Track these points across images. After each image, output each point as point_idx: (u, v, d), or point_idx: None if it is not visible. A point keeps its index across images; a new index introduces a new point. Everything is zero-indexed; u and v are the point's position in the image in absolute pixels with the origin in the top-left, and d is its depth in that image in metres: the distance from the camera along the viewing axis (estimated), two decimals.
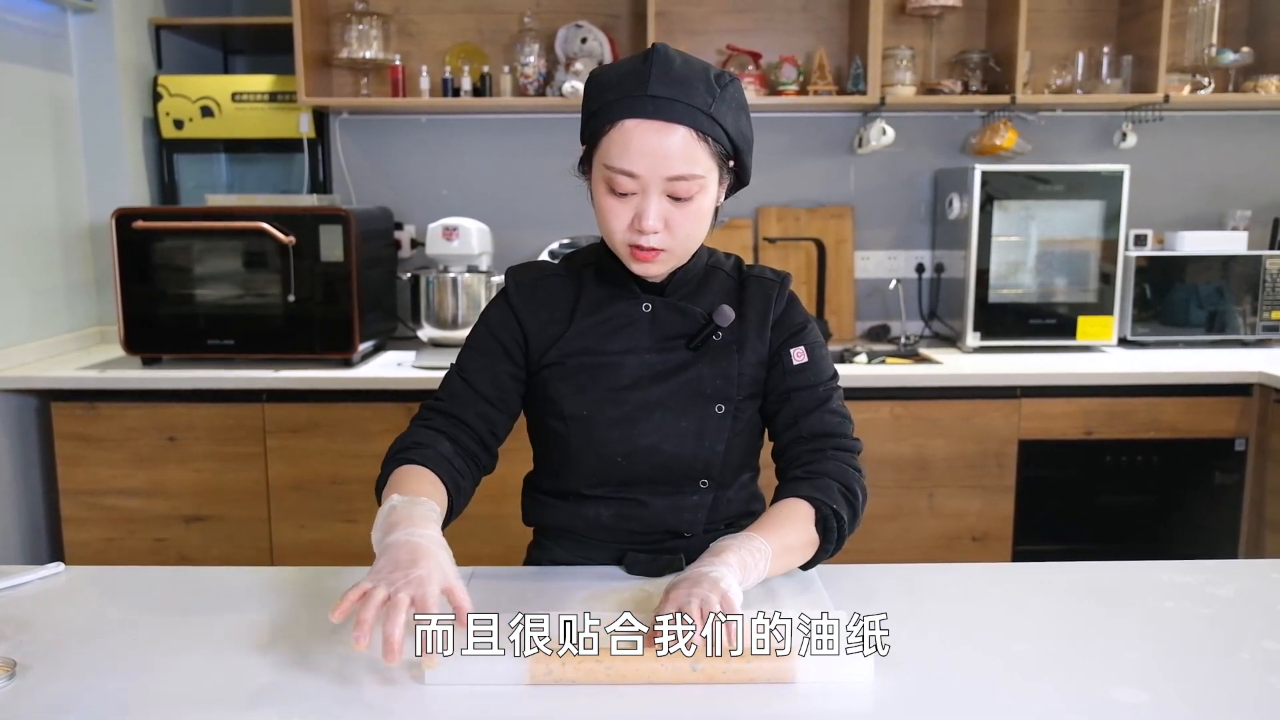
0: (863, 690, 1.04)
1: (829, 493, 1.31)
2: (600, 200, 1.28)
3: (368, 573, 1.08)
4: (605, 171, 1.26)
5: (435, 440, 1.34)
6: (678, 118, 1.22)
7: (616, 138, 1.24)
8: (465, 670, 1.04)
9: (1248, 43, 3.34)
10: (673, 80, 1.23)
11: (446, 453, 1.33)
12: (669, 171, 1.23)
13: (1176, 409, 2.89)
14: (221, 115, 3.30)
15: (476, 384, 1.39)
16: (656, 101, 1.22)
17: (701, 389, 1.36)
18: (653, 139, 1.22)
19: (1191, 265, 3.24)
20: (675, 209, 1.26)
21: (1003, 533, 2.93)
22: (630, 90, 1.23)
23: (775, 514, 1.30)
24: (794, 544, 1.27)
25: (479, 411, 1.38)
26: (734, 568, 1.15)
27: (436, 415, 1.38)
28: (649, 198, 1.25)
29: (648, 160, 1.22)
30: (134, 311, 2.87)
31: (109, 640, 1.17)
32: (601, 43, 3.28)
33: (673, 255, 1.31)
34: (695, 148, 1.24)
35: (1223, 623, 1.22)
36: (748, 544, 1.20)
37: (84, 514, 2.83)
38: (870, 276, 3.54)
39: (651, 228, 1.25)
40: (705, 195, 1.28)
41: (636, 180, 1.24)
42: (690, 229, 1.28)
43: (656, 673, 1.04)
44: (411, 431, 1.36)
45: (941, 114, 3.47)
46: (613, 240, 1.30)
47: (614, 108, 1.24)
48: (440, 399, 1.40)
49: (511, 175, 3.47)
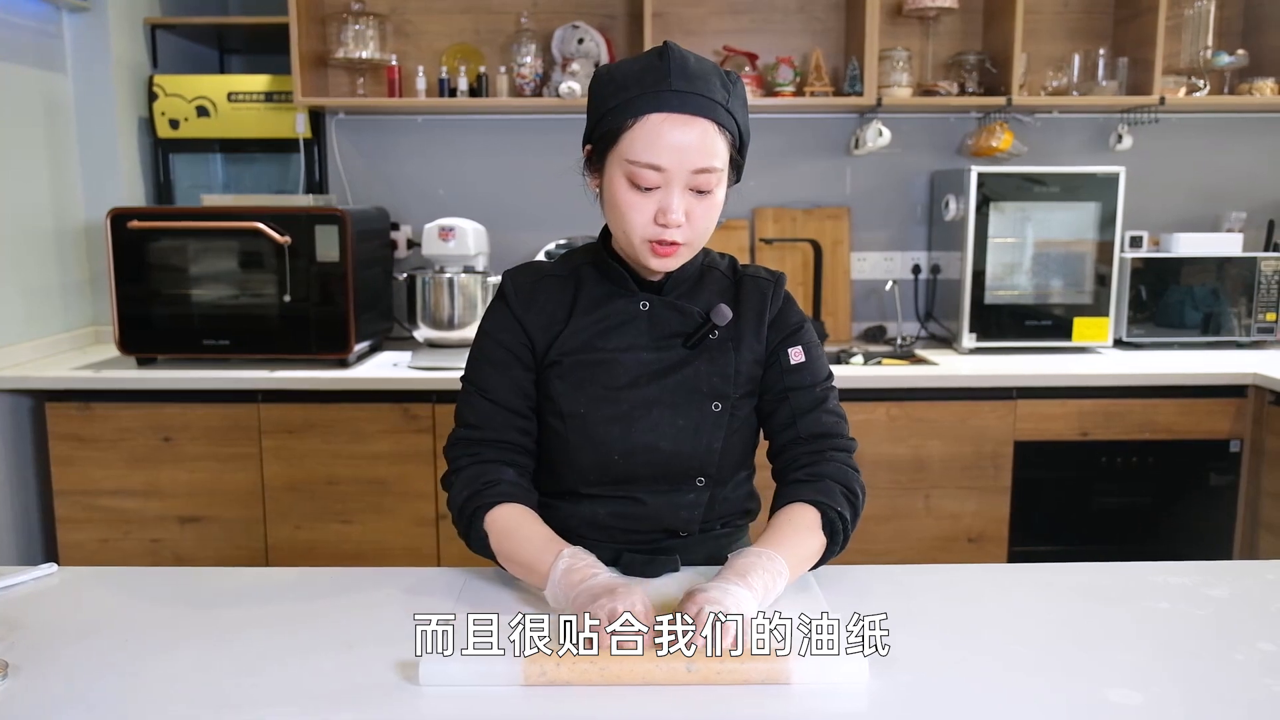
0: (858, 691, 1.04)
1: (832, 496, 1.33)
2: (620, 196, 1.28)
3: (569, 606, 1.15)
4: (628, 167, 1.26)
5: (499, 473, 1.35)
6: (701, 111, 1.25)
7: (641, 133, 1.25)
8: (460, 672, 1.04)
9: (1243, 45, 3.35)
10: (692, 75, 1.26)
11: (514, 479, 1.36)
12: (694, 165, 1.25)
13: (1172, 410, 2.89)
14: (217, 115, 3.29)
15: (503, 400, 1.38)
16: (682, 96, 1.24)
17: (698, 387, 1.37)
18: (679, 132, 1.24)
19: (1187, 267, 3.24)
20: (696, 202, 1.28)
21: (998, 534, 2.93)
22: (652, 86, 1.25)
23: (786, 524, 1.32)
24: (806, 554, 1.30)
25: (517, 427, 1.39)
26: (757, 591, 1.17)
27: (482, 447, 1.38)
28: (673, 191, 1.26)
29: (674, 154, 1.24)
30: (129, 311, 2.87)
31: (102, 641, 1.17)
32: (598, 43, 3.28)
33: (689, 249, 1.32)
34: (716, 140, 1.26)
35: (1218, 623, 1.22)
36: (770, 565, 1.21)
37: (78, 515, 2.82)
38: (866, 278, 3.54)
39: (676, 221, 1.26)
40: (721, 188, 1.30)
41: (662, 174, 1.25)
42: (707, 222, 1.31)
43: (652, 674, 1.04)
44: (472, 472, 1.36)
45: (938, 115, 3.47)
46: (631, 236, 1.30)
47: (637, 103, 1.25)
48: (474, 426, 1.39)
49: (508, 176, 3.46)
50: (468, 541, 1.35)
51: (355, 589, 1.33)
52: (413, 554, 2.77)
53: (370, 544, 2.80)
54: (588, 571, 1.19)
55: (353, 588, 1.34)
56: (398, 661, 1.09)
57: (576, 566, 1.20)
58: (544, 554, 1.24)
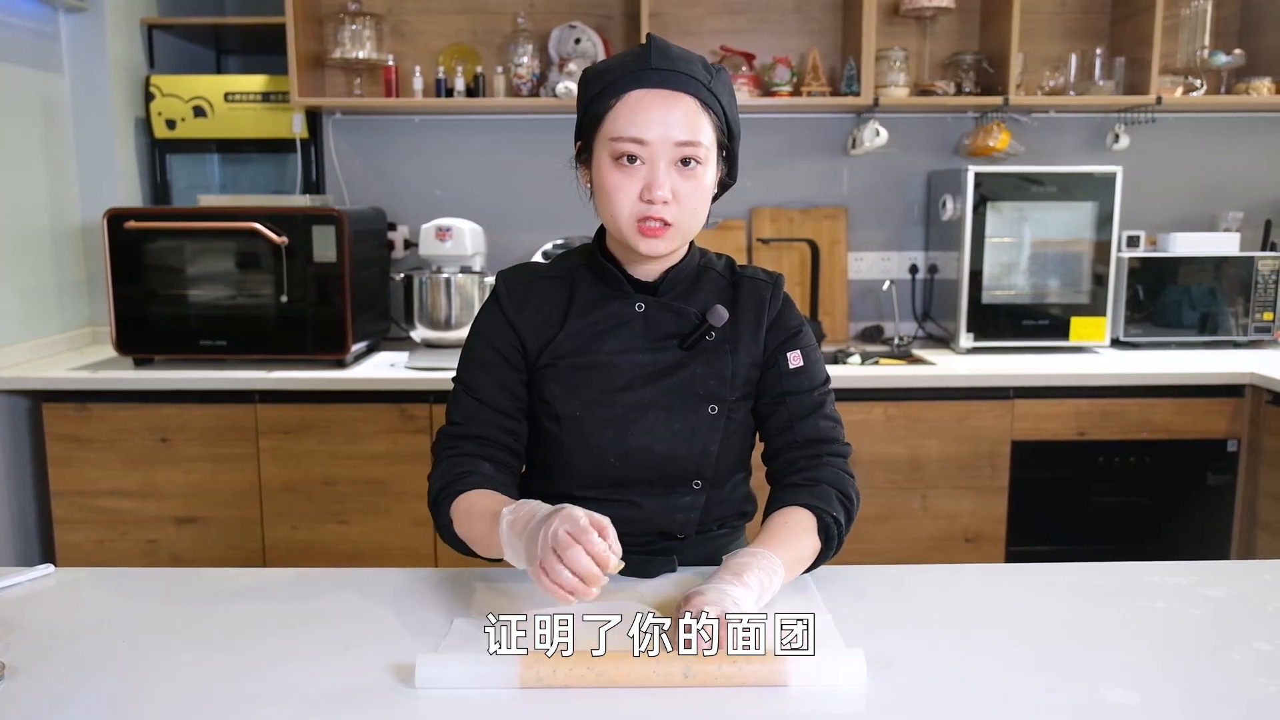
0: (855, 692, 1.04)
1: (828, 500, 1.33)
2: (606, 178, 1.29)
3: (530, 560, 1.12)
4: (612, 145, 1.27)
5: (476, 465, 1.35)
6: (683, 87, 1.27)
7: (623, 109, 1.27)
8: (456, 674, 1.04)
9: (1240, 45, 3.35)
10: (674, 57, 1.29)
11: (489, 473, 1.35)
12: (677, 137, 1.26)
13: (1169, 410, 2.89)
14: (214, 115, 3.29)
15: (489, 399, 1.38)
16: (662, 73, 1.27)
17: (695, 389, 1.36)
18: (661, 105, 1.26)
19: (1184, 266, 3.24)
20: (682, 180, 1.28)
21: (996, 534, 2.93)
22: (634, 67, 1.28)
23: (782, 526, 1.31)
24: (802, 556, 1.30)
25: (502, 426, 1.38)
26: (753, 590, 1.16)
27: (463, 441, 1.38)
28: (658, 166, 1.27)
29: (657, 127, 1.26)
30: (126, 312, 2.86)
31: (99, 642, 1.17)
32: (595, 43, 3.28)
33: (678, 232, 1.31)
34: (700, 117, 1.28)
35: (1215, 623, 1.22)
36: (766, 564, 1.21)
37: (75, 515, 2.82)
38: (864, 277, 3.55)
39: (661, 196, 1.26)
40: (708, 169, 1.30)
41: (646, 148, 1.26)
42: (695, 203, 1.30)
43: (648, 677, 1.03)
44: (448, 464, 1.36)
45: (935, 115, 3.47)
46: (619, 218, 1.29)
47: (618, 84, 1.28)
48: (458, 423, 1.39)
49: (505, 176, 3.46)
50: (440, 533, 1.34)
51: (352, 589, 1.33)
52: (410, 554, 2.77)
53: (367, 544, 2.80)
54: (528, 512, 1.17)
55: (350, 588, 1.33)
56: (395, 663, 1.09)
57: (519, 517, 1.17)
58: (494, 519, 1.22)
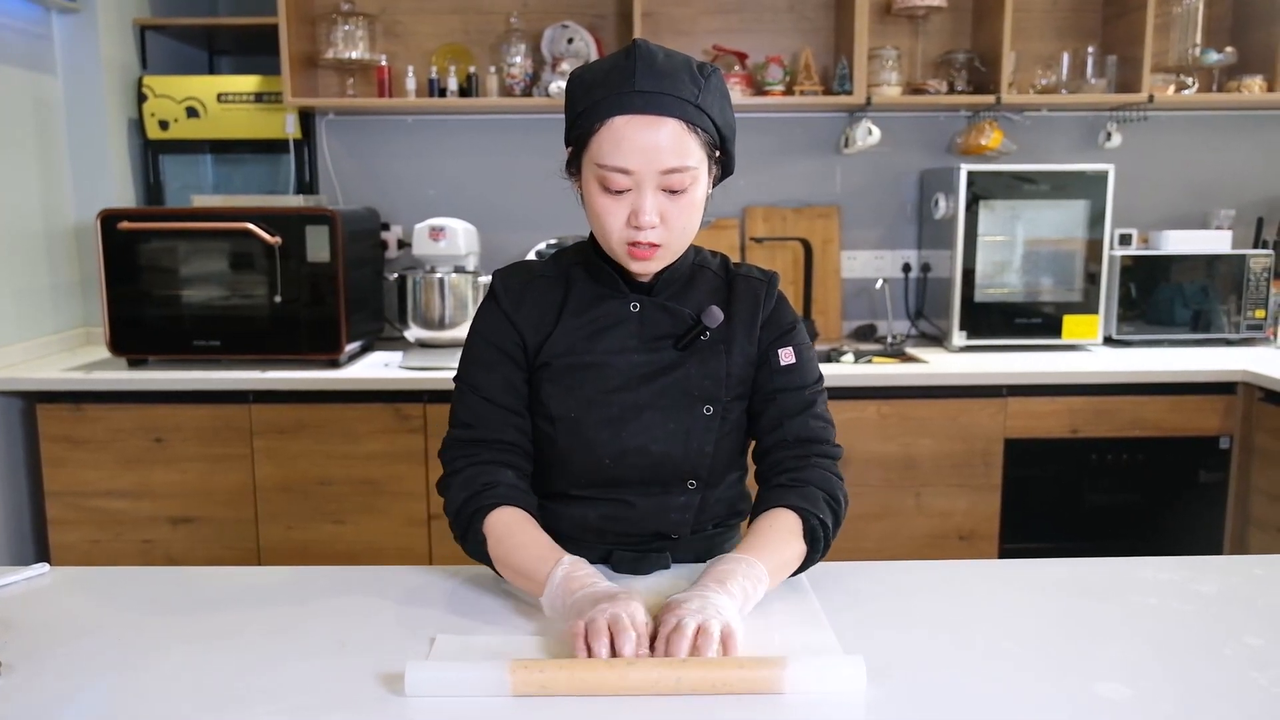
0: (855, 700, 1.03)
1: (815, 503, 1.32)
2: (594, 200, 1.27)
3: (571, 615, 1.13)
4: (598, 171, 1.25)
5: (497, 474, 1.33)
6: (667, 110, 1.22)
7: (607, 136, 1.23)
8: (447, 681, 1.03)
9: (1231, 43, 3.36)
10: (659, 74, 1.23)
11: (512, 481, 1.34)
12: (663, 165, 1.23)
13: (1161, 407, 2.91)
14: (207, 116, 3.28)
15: (497, 399, 1.37)
16: (645, 96, 1.22)
17: (689, 389, 1.36)
18: (644, 133, 1.22)
19: (1176, 264, 3.26)
20: (670, 203, 1.26)
21: (989, 531, 2.94)
22: (617, 87, 1.23)
23: (767, 530, 1.30)
24: (787, 560, 1.29)
25: (513, 425, 1.37)
26: (736, 598, 1.16)
27: (478, 447, 1.36)
28: (644, 193, 1.24)
29: (641, 155, 1.22)
30: (120, 312, 2.86)
31: (94, 641, 1.17)
32: (588, 43, 3.28)
33: (669, 250, 1.30)
34: (686, 139, 1.24)
35: (1206, 619, 1.23)
36: (750, 571, 1.21)
37: (70, 516, 2.82)
38: (857, 276, 3.55)
39: (649, 223, 1.24)
40: (698, 187, 1.28)
41: (631, 176, 1.24)
42: (685, 222, 1.28)
43: (642, 685, 1.02)
44: (469, 474, 1.34)
45: (927, 114, 3.48)
46: (609, 240, 1.29)
47: (602, 106, 1.23)
48: (469, 425, 1.37)
49: (498, 176, 3.46)
50: (464, 545, 1.33)
51: (347, 589, 1.33)
52: (405, 554, 2.77)
53: (362, 544, 2.80)
54: (586, 580, 1.18)
55: (344, 588, 1.33)
56: (387, 668, 1.08)
57: (575, 575, 1.19)
58: (542, 561, 1.23)
